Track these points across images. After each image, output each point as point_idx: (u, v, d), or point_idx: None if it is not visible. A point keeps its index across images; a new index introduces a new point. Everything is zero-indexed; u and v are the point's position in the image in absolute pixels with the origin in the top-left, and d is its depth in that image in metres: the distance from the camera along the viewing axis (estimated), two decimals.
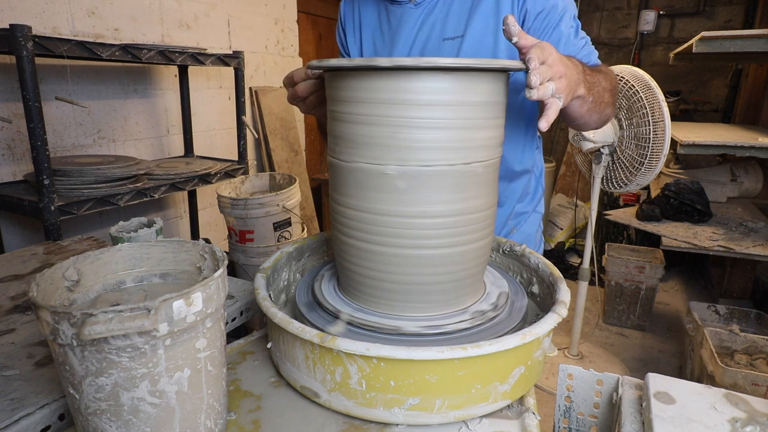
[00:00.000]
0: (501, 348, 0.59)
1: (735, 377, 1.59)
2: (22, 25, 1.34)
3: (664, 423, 0.59)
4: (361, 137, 0.67)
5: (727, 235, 2.16)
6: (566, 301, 0.72)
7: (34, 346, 0.81)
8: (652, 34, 3.70)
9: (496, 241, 0.99)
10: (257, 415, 0.65)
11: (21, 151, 1.80)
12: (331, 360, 0.61)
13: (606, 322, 2.89)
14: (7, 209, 1.60)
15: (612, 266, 2.74)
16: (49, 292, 0.56)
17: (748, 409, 0.62)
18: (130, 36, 2.12)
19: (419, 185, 0.67)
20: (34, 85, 1.39)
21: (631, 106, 1.96)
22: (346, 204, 0.72)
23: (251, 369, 0.76)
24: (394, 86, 0.63)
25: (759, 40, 1.86)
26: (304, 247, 0.98)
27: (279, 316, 0.66)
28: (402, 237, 0.69)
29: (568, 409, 0.78)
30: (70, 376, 0.49)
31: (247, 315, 1.01)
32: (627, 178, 2.07)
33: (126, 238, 0.99)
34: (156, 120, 2.34)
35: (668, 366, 2.47)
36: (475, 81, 0.65)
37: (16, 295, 1.01)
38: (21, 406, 0.65)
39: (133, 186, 1.76)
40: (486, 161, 0.70)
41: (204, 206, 2.70)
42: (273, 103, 3.03)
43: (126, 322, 0.45)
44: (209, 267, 0.65)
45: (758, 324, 2.10)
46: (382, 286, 0.72)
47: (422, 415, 0.62)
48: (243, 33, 2.79)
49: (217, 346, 0.56)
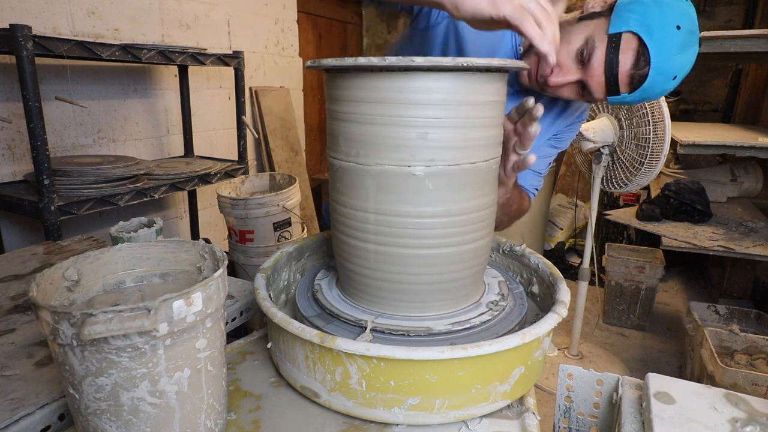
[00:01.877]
0: (501, 348, 0.59)
1: (735, 377, 1.59)
2: (22, 25, 1.34)
3: (664, 423, 0.59)
4: (379, 138, 0.66)
5: (727, 235, 2.16)
6: (566, 301, 0.73)
7: (34, 346, 0.81)
8: None
9: (496, 241, 0.99)
10: (257, 415, 0.65)
11: (21, 151, 1.80)
12: (331, 360, 0.61)
13: (606, 322, 2.89)
14: (7, 209, 1.60)
15: (612, 266, 2.74)
16: (49, 292, 0.56)
17: (748, 409, 0.62)
18: (130, 36, 2.12)
19: (446, 184, 0.67)
20: (34, 85, 1.39)
21: (631, 106, 1.96)
22: (364, 208, 0.70)
23: (251, 369, 0.76)
24: (407, 86, 0.63)
25: (759, 40, 1.86)
26: (304, 247, 0.98)
27: (279, 316, 0.65)
28: (428, 237, 0.68)
29: (568, 409, 0.78)
30: (70, 376, 0.49)
31: (247, 315, 1.01)
32: (627, 178, 2.07)
33: (126, 238, 0.99)
34: (156, 120, 2.34)
35: (668, 366, 2.47)
36: (479, 81, 0.65)
37: (16, 295, 1.01)
38: (21, 406, 0.65)
39: (133, 186, 1.76)
40: (492, 159, 0.72)
41: (204, 206, 2.70)
42: (273, 103, 3.03)
43: (126, 322, 0.45)
44: (209, 267, 0.65)
45: (758, 324, 2.10)
46: (404, 289, 0.72)
47: (422, 415, 0.62)
48: (243, 33, 2.79)
49: (217, 346, 0.56)
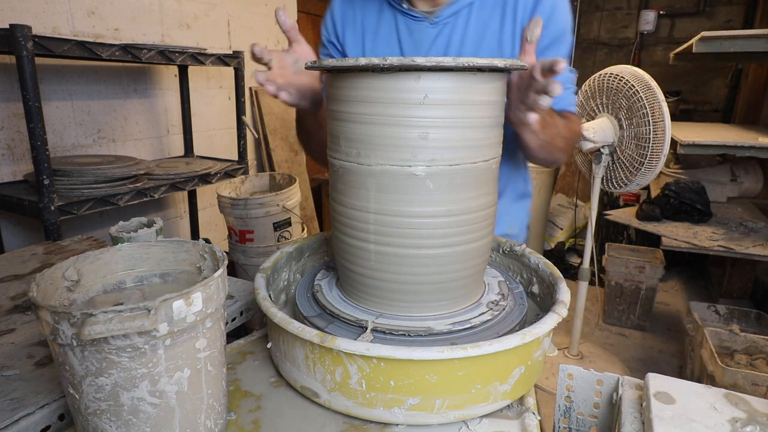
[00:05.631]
0: (501, 348, 0.59)
1: (735, 377, 1.59)
2: (22, 25, 1.34)
3: (664, 423, 0.59)
4: (380, 138, 0.66)
5: (727, 235, 2.16)
6: (566, 301, 0.73)
7: (34, 346, 0.81)
8: (652, 34, 3.70)
9: (496, 241, 0.99)
10: (257, 415, 0.65)
11: (21, 151, 1.80)
12: (331, 360, 0.61)
13: (606, 322, 2.89)
14: (7, 209, 1.60)
15: (612, 266, 2.74)
16: (49, 292, 0.56)
17: (748, 409, 0.62)
18: (130, 36, 2.12)
19: (446, 184, 0.67)
20: (34, 85, 1.39)
21: (631, 106, 1.96)
22: (364, 208, 0.70)
23: (251, 369, 0.76)
24: (408, 86, 0.62)
25: (759, 40, 1.86)
26: (303, 247, 0.98)
27: (279, 316, 0.65)
28: (429, 237, 0.68)
29: (568, 409, 0.78)
30: (70, 376, 0.49)
31: (247, 315, 1.01)
32: (627, 178, 2.07)
33: (126, 238, 0.99)
34: (156, 120, 2.34)
35: (668, 366, 2.47)
36: (480, 81, 0.65)
37: (16, 295, 1.01)
38: (21, 406, 0.65)
39: (133, 186, 1.76)
40: (492, 159, 0.72)
41: (204, 206, 2.70)
42: (273, 103, 3.03)
43: (126, 322, 0.45)
44: (209, 267, 0.65)
45: (758, 324, 2.10)
46: (405, 289, 0.72)
47: (422, 415, 0.61)
48: (243, 33, 2.79)
49: (217, 346, 0.56)
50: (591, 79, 2.17)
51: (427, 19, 0.97)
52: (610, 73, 2.07)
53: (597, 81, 2.13)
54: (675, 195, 2.35)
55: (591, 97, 2.17)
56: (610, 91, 2.06)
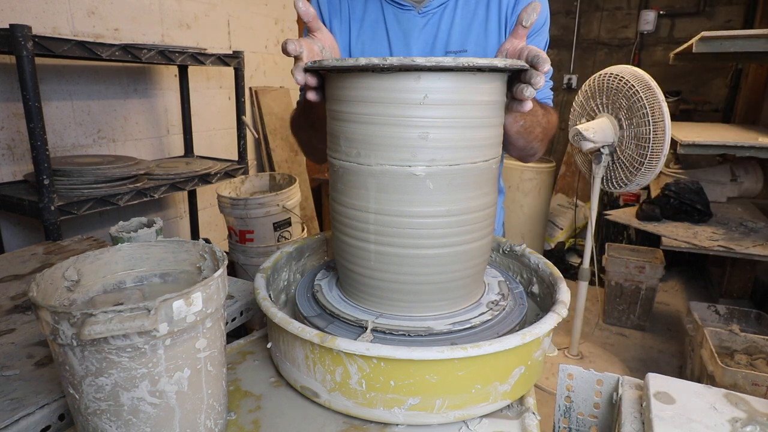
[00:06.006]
0: (501, 348, 0.59)
1: (735, 377, 1.59)
2: (22, 25, 1.34)
3: (664, 423, 0.59)
4: (380, 138, 0.66)
5: (727, 235, 2.16)
6: (566, 301, 0.73)
7: (34, 346, 0.81)
8: (652, 34, 3.70)
9: (496, 241, 0.99)
10: (257, 415, 0.65)
11: (21, 151, 1.80)
12: (331, 360, 0.61)
13: (606, 322, 2.89)
14: (7, 209, 1.60)
15: (612, 266, 2.74)
16: (49, 292, 0.56)
17: (748, 409, 0.62)
18: (130, 36, 2.12)
19: (446, 184, 0.67)
20: (34, 85, 1.39)
21: (631, 106, 1.96)
22: (364, 208, 0.70)
23: (251, 369, 0.76)
24: (409, 86, 0.62)
25: (759, 40, 1.86)
26: (303, 247, 0.98)
27: (279, 316, 0.65)
28: (429, 237, 0.68)
29: (568, 409, 0.78)
30: (70, 376, 0.49)
31: (247, 315, 1.01)
32: (627, 178, 2.07)
33: (126, 238, 0.99)
34: (156, 120, 2.34)
35: (668, 366, 2.47)
36: (480, 81, 0.65)
37: (16, 295, 1.01)
38: (21, 406, 0.65)
39: (133, 186, 1.76)
40: (492, 159, 0.72)
41: (204, 206, 2.70)
42: (273, 103, 3.03)
43: (126, 322, 0.45)
44: (209, 267, 0.65)
45: (758, 324, 2.10)
46: (405, 289, 0.72)
47: (422, 415, 0.62)
48: (243, 33, 2.79)
49: (217, 346, 0.56)
50: (591, 79, 2.17)
51: (415, 9, 0.99)
52: (610, 73, 2.07)
53: (597, 81, 2.13)
54: (675, 195, 2.35)
55: (591, 97, 2.17)
56: (610, 91, 2.06)
